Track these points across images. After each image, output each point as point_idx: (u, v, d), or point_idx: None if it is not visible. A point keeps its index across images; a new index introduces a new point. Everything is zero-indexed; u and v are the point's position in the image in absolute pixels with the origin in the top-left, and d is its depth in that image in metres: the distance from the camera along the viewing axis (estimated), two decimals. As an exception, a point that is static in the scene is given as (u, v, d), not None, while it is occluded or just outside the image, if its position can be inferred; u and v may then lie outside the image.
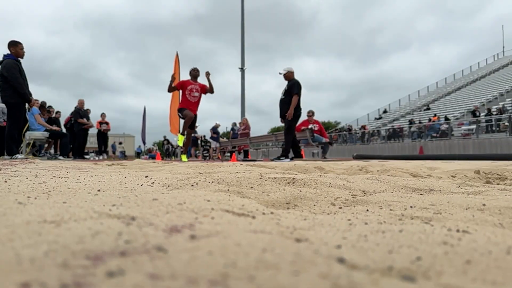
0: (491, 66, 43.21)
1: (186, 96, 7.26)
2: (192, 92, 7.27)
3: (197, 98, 7.39)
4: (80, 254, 0.38)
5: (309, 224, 0.66)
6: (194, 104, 7.37)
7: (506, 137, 16.05)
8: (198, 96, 7.38)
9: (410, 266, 0.38)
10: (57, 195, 0.93)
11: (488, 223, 0.76)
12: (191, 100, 7.30)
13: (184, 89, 7.27)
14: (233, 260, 0.34)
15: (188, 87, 7.26)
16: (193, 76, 7.43)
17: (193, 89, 7.29)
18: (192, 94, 7.28)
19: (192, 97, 7.29)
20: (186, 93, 7.25)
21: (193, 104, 7.33)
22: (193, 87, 7.30)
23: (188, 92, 7.25)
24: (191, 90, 7.26)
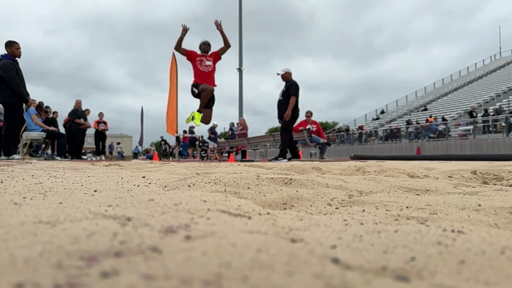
0: (488, 67, 43.38)
1: (198, 67, 6.35)
2: (203, 62, 6.34)
3: (211, 67, 6.42)
4: (74, 255, 0.38)
5: (305, 224, 0.66)
6: (209, 75, 6.40)
7: (503, 138, 16.11)
8: (211, 65, 6.43)
9: (404, 266, 0.39)
10: (53, 196, 0.93)
11: (483, 223, 0.76)
12: (204, 70, 6.35)
13: (193, 60, 6.37)
14: (228, 261, 0.34)
15: (197, 58, 6.37)
16: (203, 50, 6.51)
17: (203, 59, 6.38)
18: (204, 63, 6.34)
19: (204, 67, 6.34)
20: (196, 63, 6.35)
21: (207, 74, 6.37)
22: (203, 58, 6.40)
23: (198, 62, 6.33)
24: (201, 60, 6.35)
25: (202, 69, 6.35)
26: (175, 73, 13.57)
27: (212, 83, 6.43)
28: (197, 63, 6.33)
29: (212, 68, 6.45)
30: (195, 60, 6.36)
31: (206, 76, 6.38)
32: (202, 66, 6.34)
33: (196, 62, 6.34)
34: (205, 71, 6.36)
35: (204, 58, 6.39)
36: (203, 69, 6.36)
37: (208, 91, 6.18)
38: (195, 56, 6.38)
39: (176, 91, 13.76)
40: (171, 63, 13.66)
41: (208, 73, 6.39)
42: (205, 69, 6.36)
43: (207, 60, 6.41)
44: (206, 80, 6.35)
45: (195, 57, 6.38)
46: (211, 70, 6.46)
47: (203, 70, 6.36)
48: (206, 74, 6.38)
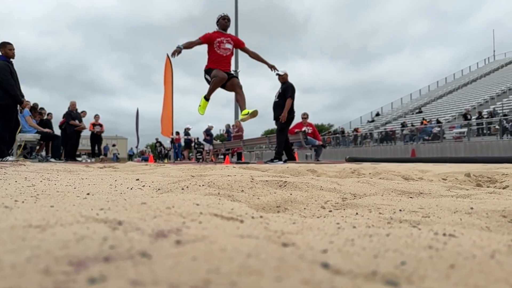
0: (482, 70, 43.73)
1: (215, 50, 5.51)
2: (222, 44, 5.51)
3: (230, 51, 5.60)
4: (63, 260, 0.37)
5: (297, 228, 0.66)
6: (225, 59, 5.58)
7: (497, 140, 16.23)
8: (230, 49, 5.60)
9: (394, 271, 0.39)
10: (45, 199, 0.92)
11: (475, 226, 0.77)
12: (222, 53, 5.52)
13: (212, 42, 5.50)
14: (217, 266, 0.34)
15: (217, 39, 5.50)
16: (222, 26, 5.64)
17: (223, 41, 5.54)
18: (223, 46, 5.51)
19: (222, 50, 5.51)
20: (214, 47, 5.50)
21: (224, 59, 5.56)
22: (223, 39, 5.56)
23: (217, 45, 5.49)
24: (220, 42, 5.51)
25: (220, 52, 5.51)
26: (170, 75, 13.56)
27: (228, 67, 5.62)
28: (215, 46, 5.47)
29: (230, 52, 5.63)
30: (213, 43, 5.51)
31: (223, 61, 5.57)
32: (220, 49, 5.50)
33: (214, 45, 5.49)
34: (223, 54, 5.54)
35: (224, 39, 5.55)
36: (221, 53, 5.53)
37: (218, 78, 5.31)
38: (213, 37, 5.51)
39: (172, 93, 13.75)
40: (165, 65, 13.65)
41: (225, 58, 5.57)
42: (223, 53, 5.54)
43: (228, 42, 5.57)
44: (221, 65, 5.52)
45: (213, 37, 5.51)
46: (229, 55, 5.63)
47: (221, 54, 5.53)
48: (223, 59, 5.56)
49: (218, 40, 5.50)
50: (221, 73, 5.33)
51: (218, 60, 5.55)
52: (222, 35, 5.56)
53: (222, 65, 5.53)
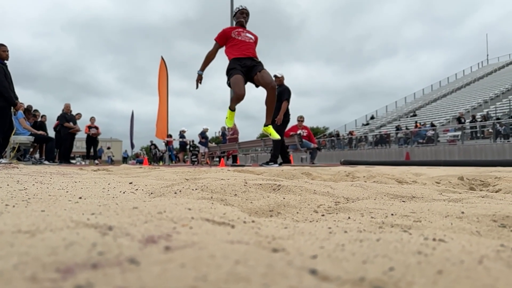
0: (475, 73, 44.12)
1: (235, 37, 4.72)
2: (242, 33, 4.74)
3: (253, 40, 4.82)
4: (50, 267, 0.37)
5: (289, 232, 0.66)
6: (249, 46, 4.73)
7: (490, 144, 16.36)
8: (253, 39, 4.84)
9: (382, 277, 0.39)
10: (36, 203, 0.92)
11: (465, 231, 0.77)
12: (245, 39, 4.73)
13: (229, 36, 4.72)
14: (204, 273, 0.34)
15: (233, 30, 4.75)
16: (240, 22, 4.92)
17: (243, 31, 4.79)
18: (243, 34, 4.74)
19: (244, 37, 4.74)
20: (232, 35, 4.71)
21: (247, 44, 4.71)
22: (241, 30, 4.79)
23: (235, 33, 4.71)
24: (240, 31, 4.76)
25: (242, 38, 4.72)
26: (165, 78, 13.54)
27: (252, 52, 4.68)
28: (234, 34, 4.70)
29: (253, 41, 4.82)
30: (230, 34, 4.72)
31: (245, 46, 4.68)
32: (241, 36, 4.72)
33: (232, 34, 4.70)
34: (246, 40, 4.71)
35: (243, 29, 4.83)
36: (244, 38, 4.72)
37: (236, 96, 4.49)
38: (229, 31, 4.76)
39: (167, 96, 13.72)
40: (159, 67, 13.62)
41: (248, 44, 4.71)
42: (246, 39, 4.72)
43: (248, 32, 4.83)
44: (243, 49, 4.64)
45: (229, 32, 4.75)
46: (253, 42, 4.80)
47: (244, 40, 4.71)
48: (246, 44, 4.69)
49: (236, 31, 4.74)
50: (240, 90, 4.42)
51: (241, 46, 4.65)
52: (239, 28, 4.83)
53: (248, 50, 4.65)
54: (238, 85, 4.42)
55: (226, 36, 4.72)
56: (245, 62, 4.60)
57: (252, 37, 4.81)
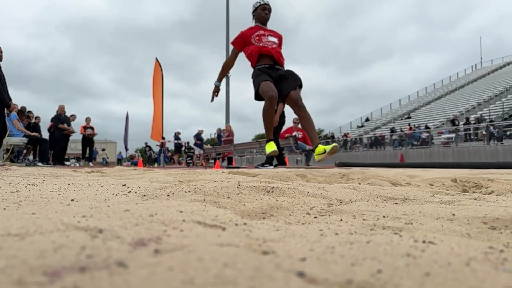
0: (469, 76, 44.50)
1: (255, 44, 3.86)
2: (262, 37, 3.88)
3: (276, 44, 3.93)
4: (38, 270, 0.37)
5: (280, 235, 0.66)
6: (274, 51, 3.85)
7: (484, 146, 16.49)
8: (276, 42, 3.96)
9: (369, 279, 0.39)
10: (27, 205, 0.91)
11: (456, 233, 0.78)
12: (268, 45, 3.85)
13: (248, 40, 3.89)
14: (192, 277, 0.34)
15: (254, 33, 3.89)
16: (261, 19, 4.02)
17: (265, 33, 3.92)
18: (265, 39, 3.87)
19: (266, 42, 3.86)
20: (252, 40, 3.85)
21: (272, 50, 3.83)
22: (264, 32, 3.94)
23: (256, 38, 3.86)
24: (260, 34, 3.89)
25: (265, 43, 3.85)
26: (160, 79, 13.52)
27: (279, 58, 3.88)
28: (254, 40, 3.86)
29: (277, 45, 3.96)
30: (250, 39, 3.89)
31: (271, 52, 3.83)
32: (263, 42, 3.86)
33: (252, 40, 3.87)
34: (269, 46, 3.85)
35: (265, 32, 3.95)
36: (267, 44, 3.86)
37: (267, 114, 3.69)
38: (249, 34, 3.92)
39: (162, 97, 13.69)
40: (154, 69, 13.60)
41: (273, 49, 3.85)
42: (268, 44, 3.86)
43: (270, 35, 3.95)
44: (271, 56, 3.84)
45: (249, 35, 3.91)
46: (277, 47, 3.95)
47: (266, 45, 3.85)
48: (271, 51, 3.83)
49: (257, 34, 3.90)
50: (271, 87, 3.61)
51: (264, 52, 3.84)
52: (261, 29, 3.97)
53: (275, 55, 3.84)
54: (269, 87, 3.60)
55: (245, 40, 3.91)
56: (270, 73, 3.79)
57: (275, 40, 3.97)
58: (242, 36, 3.96)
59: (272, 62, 3.85)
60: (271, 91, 3.58)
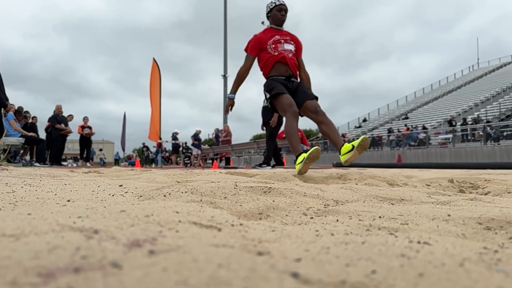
0: (466, 77, 44.67)
1: (270, 52, 3.53)
2: (279, 45, 3.53)
3: (292, 53, 3.61)
4: (32, 271, 0.37)
5: (276, 236, 0.66)
6: (291, 61, 3.56)
7: (481, 146, 16.55)
8: (292, 50, 3.62)
9: (363, 280, 0.39)
10: (23, 206, 0.91)
11: (451, 233, 0.78)
12: (283, 54, 3.52)
13: (264, 46, 3.53)
14: (186, 277, 0.34)
15: (271, 39, 3.54)
16: (277, 21, 3.64)
17: (281, 40, 3.56)
18: (280, 46, 3.53)
19: (282, 50, 3.53)
20: (267, 47, 3.52)
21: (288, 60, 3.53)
22: (280, 37, 3.58)
23: (271, 46, 3.52)
24: (276, 41, 3.54)
25: (277, 53, 3.53)
26: (158, 79, 13.50)
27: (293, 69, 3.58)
28: (270, 48, 3.53)
29: (293, 54, 3.63)
30: (266, 46, 3.54)
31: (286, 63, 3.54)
32: (278, 49, 3.53)
33: (268, 48, 3.53)
34: (286, 55, 3.53)
35: (281, 38, 3.59)
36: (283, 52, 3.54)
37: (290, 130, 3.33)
38: (264, 39, 3.56)
39: (160, 97, 13.68)
40: (151, 69, 13.59)
41: (289, 59, 3.54)
42: (283, 53, 3.55)
43: (287, 42, 3.60)
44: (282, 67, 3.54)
45: (265, 41, 3.55)
46: (293, 57, 3.62)
47: (283, 53, 3.53)
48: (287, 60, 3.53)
49: (273, 40, 3.56)
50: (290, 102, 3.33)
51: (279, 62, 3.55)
52: (277, 32, 3.61)
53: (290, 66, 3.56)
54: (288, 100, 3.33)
55: (261, 45, 3.55)
56: (287, 85, 3.54)
57: (292, 48, 3.63)
58: (257, 40, 3.57)
59: (288, 74, 3.58)
60: (293, 106, 3.33)
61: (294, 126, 3.34)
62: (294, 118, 3.34)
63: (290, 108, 3.31)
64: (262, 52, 3.59)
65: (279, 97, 3.40)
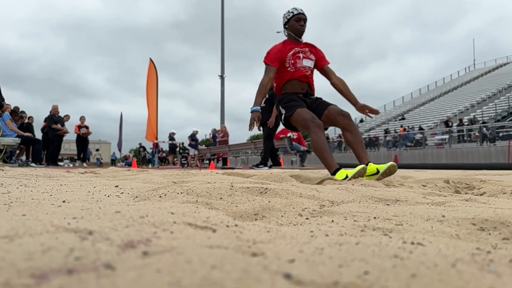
0: (462, 78, 44.88)
1: (288, 69, 3.30)
2: (298, 60, 3.30)
3: (310, 70, 3.37)
4: (25, 272, 0.37)
5: (270, 236, 0.66)
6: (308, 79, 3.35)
7: (477, 147, 16.63)
8: (311, 67, 3.38)
9: (356, 281, 0.40)
10: (18, 207, 0.91)
11: (445, 234, 0.79)
12: (301, 70, 3.30)
13: (283, 59, 3.30)
14: (179, 278, 0.34)
15: (290, 52, 3.31)
16: (296, 32, 3.36)
17: (299, 55, 3.32)
18: (299, 63, 3.30)
19: (300, 67, 3.30)
20: (286, 65, 3.30)
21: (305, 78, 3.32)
22: (300, 50, 3.34)
23: (290, 61, 3.30)
24: (296, 56, 3.31)
25: (298, 66, 3.31)
26: (155, 80, 13.49)
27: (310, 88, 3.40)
28: (288, 63, 3.30)
29: (311, 71, 3.41)
30: (285, 59, 3.31)
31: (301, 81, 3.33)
32: (296, 66, 3.30)
33: (286, 63, 3.31)
34: (303, 72, 3.32)
35: (300, 52, 3.34)
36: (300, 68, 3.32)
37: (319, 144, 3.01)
38: (284, 51, 3.31)
39: (156, 97, 13.66)
40: (148, 69, 13.57)
41: (305, 77, 3.34)
42: (301, 70, 3.33)
43: (306, 57, 3.35)
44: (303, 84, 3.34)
45: (285, 51, 3.31)
46: (310, 74, 3.40)
47: (301, 70, 3.32)
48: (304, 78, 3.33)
49: (292, 53, 3.31)
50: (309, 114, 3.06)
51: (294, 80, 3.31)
52: (296, 45, 3.37)
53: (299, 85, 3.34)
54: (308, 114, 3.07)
55: (281, 57, 3.31)
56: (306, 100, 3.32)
57: (310, 65, 3.37)
58: (278, 52, 3.31)
59: (305, 91, 3.35)
60: (315, 118, 3.04)
61: (322, 139, 3.01)
62: (320, 130, 3.02)
63: (313, 120, 3.02)
64: (282, 66, 3.35)
65: (297, 112, 3.11)
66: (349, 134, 3.11)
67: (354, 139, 3.08)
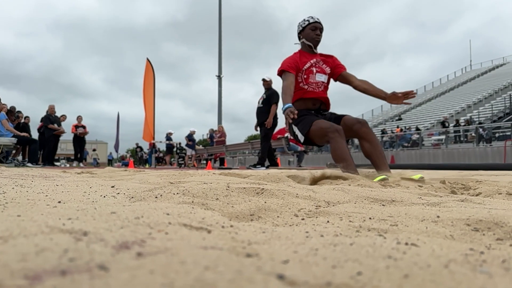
0: (459, 78, 45.07)
1: (300, 84, 3.19)
2: (311, 75, 3.19)
3: (324, 85, 3.26)
4: (19, 274, 0.37)
5: (266, 237, 0.67)
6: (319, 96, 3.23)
7: (473, 148, 16.70)
8: (325, 82, 3.27)
9: (349, 281, 0.40)
10: (13, 208, 0.91)
11: (439, 235, 0.79)
12: (312, 88, 3.19)
13: (300, 68, 3.19)
14: (172, 280, 0.34)
15: (305, 65, 3.20)
16: (312, 41, 3.24)
17: (313, 66, 3.21)
18: (312, 78, 3.19)
19: (313, 84, 3.19)
20: (299, 79, 3.18)
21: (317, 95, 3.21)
22: (315, 62, 3.23)
23: (304, 74, 3.19)
24: (309, 71, 3.19)
25: (310, 86, 3.20)
26: (152, 80, 13.46)
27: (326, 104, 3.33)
28: (302, 77, 3.20)
29: (324, 87, 3.28)
30: (298, 73, 3.20)
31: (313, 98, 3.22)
32: (309, 83, 3.19)
33: (299, 76, 3.20)
34: (314, 90, 3.20)
35: (314, 66, 3.23)
36: (311, 87, 3.20)
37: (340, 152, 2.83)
38: (300, 65, 3.19)
39: (153, 97, 13.64)
40: (145, 69, 13.55)
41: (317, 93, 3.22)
42: (313, 88, 3.20)
43: (319, 71, 3.24)
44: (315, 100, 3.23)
45: (301, 64, 3.20)
46: (323, 91, 3.27)
47: (312, 89, 3.20)
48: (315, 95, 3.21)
49: (308, 67, 3.19)
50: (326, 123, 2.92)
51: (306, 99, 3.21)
52: (311, 56, 3.25)
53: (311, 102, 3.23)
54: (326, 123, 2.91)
55: (297, 67, 3.17)
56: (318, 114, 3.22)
57: (324, 79, 3.25)
58: (294, 60, 3.18)
59: (317, 108, 3.23)
60: (333, 125, 2.87)
61: (342, 147, 2.80)
62: (340, 135, 2.82)
63: (330, 127, 2.84)
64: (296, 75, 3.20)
65: (314, 124, 2.93)
66: (367, 144, 2.94)
67: (374, 150, 2.90)
